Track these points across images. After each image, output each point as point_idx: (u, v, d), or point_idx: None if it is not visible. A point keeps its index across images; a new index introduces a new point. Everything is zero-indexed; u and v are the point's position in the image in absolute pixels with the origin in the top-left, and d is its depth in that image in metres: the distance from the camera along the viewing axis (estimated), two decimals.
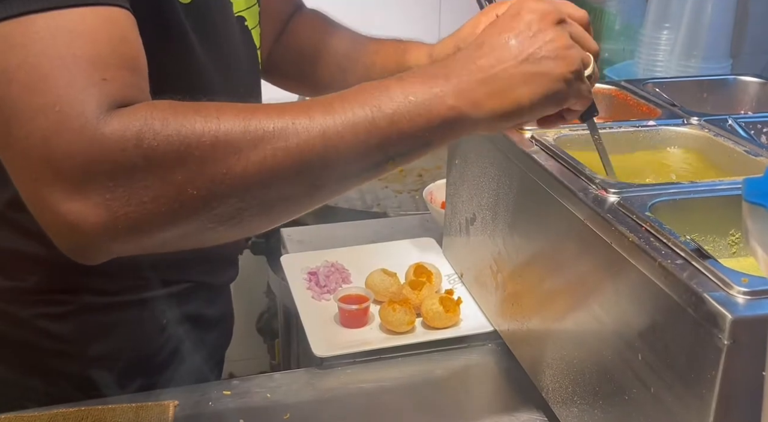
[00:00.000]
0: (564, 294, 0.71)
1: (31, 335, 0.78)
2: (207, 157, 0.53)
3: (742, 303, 0.50)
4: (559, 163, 0.72)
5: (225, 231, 0.58)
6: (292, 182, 0.56)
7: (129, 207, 0.53)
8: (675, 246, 0.56)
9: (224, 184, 0.54)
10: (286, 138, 0.55)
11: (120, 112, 0.53)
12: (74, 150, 0.52)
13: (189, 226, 0.56)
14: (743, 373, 0.48)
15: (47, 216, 0.54)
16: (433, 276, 0.97)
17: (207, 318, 0.89)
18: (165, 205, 0.54)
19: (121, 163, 0.52)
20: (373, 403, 0.81)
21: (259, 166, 0.54)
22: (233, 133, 0.54)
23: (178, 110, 0.54)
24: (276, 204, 0.58)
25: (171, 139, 0.52)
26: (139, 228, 0.54)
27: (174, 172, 0.53)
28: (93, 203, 0.53)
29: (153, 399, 0.78)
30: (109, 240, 0.55)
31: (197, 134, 0.53)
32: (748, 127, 0.82)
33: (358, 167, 0.59)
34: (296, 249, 1.13)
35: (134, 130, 0.52)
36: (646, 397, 0.57)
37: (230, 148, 0.54)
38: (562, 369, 0.71)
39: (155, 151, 0.52)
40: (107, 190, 0.52)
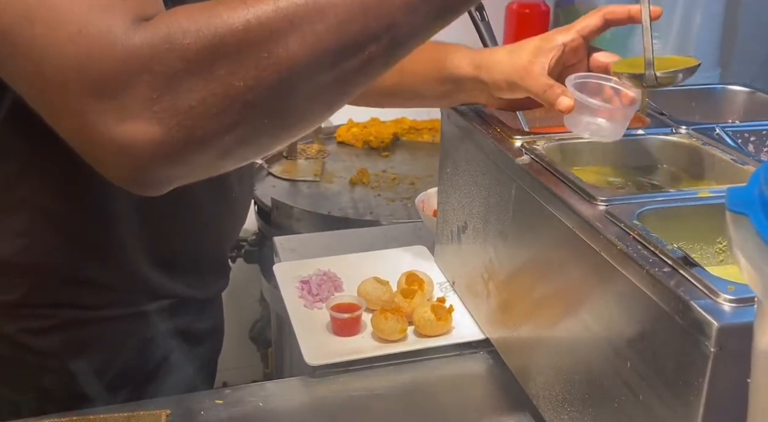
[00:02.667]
0: (554, 302, 0.71)
1: (13, 350, 0.77)
2: (243, 43, 0.50)
3: (728, 311, 0.50)
4: (549, 172, 0.73)
5: (282, 129, 0.55)
6: (339, 56, 0.52)
7: (179, 115, 0.50)
8: (662, 255, 0.57)
9: (268, 69, 0.51)
10: (321, 9, 0.51)
11: (144, 24, 0.51)
12: (109, 68, 0.50)
13: (244, 127, 0.53)
14: (730, 380, 0.49)
15: (101, 149, 0.52)
16: (425, 284, 0.97)
17: (196, 331, 0.88)
18: (214, 105, 0.51)
19: (157, 70, 0.50)
20: (365, 411, 0.81)
21: (301, 43, 0.51)
22: (265, 14, 0.51)
23: (202, 6, 0.52)
24: (327, 83, 0.53)
25: (201, 34, 0.50)
26: (194, 137, 0.52)
27: (213, 66, 0.50)
28: (142, 119, 0.50)
29: (145, 409, 0.78)
30: (167, 157, 0.52)
31: (227, 23, 0.50)
32: (735, 136, 0.83)
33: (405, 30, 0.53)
34: (289, 257, 1.13)
35: (162, 34, 0.50)
36: (635, 404, 0.58)
37: (265, 29, 0.51)
38: (553, 377, 0.71)
39: (188, 49, 0.50)
40: (152, 102, 0.50)
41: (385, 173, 1.65)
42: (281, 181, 1.63)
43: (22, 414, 0.77)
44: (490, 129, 0.85)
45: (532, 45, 0.81)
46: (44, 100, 0.54)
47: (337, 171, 1.67)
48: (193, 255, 0.86)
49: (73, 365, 0.78)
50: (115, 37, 0.50)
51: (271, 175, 1.65)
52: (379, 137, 1.77)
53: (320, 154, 1.74)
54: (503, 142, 0.81)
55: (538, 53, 0.79)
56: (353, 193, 1.56)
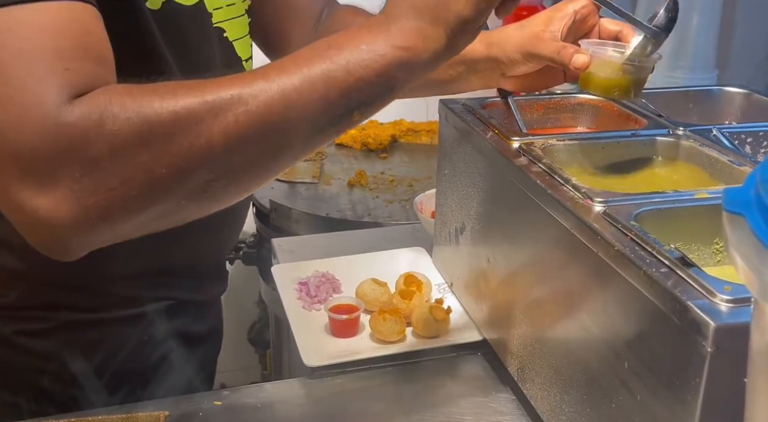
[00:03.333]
0: (552, 303, 0.71)
1: (10, 352, 0.77)
2: (169, 133, 0.52)
3: (725, 311, 0.51)
4: (547, 173, 0.73)
5: (198, 207, 0.57)
6: (258, 145, 0.55)
7: (98, 195, 0.52)
8: (660, 255, 0.57)
9: (190, 157, 0.53)
10: (245, 102, 0.54)
11: (79, 101, 0.52)
12: (35, 142, 0.51)
13: (162, 206, 0.55)
14: (726, 380, 0.49)
15: (18, 215, 0.53)
16: (423, 285, 0.97)
17: (194, 333, 0.88)
18: (135, 188, 0.53)
19: (84, 151, 0.51)
20: (363, 412, 0.81)
21: (223, 134, 0.53)
22: (191, 106, 0.53)
23: (134, 92, 0.53)
24: (245, 170, 0.57)
25: (131, 122, 0.52)
26: (111, 215, 0.53)
27: (139, 153, 0.52)
28: (61, 196, 0.52)
29: (142, 410, 0.78)
30: (82, 231, 0.54)
31: (156, 113, 0.52)
32: (732, 137, 0.83)
33: (323, 122, 0.57)
34: (287, 259, 1.13)
35: (94, 118, 0.51)
36: (633, 404, 0.58)
37: (191, 120, 0.53)
38: (550, 377, 0.71)
39: (117, 135, 0.51)
40: (74, 180, 0.52)
41: (383, 175, 1.65)
42: (279, 183, 1.63)
43: (22, 416, 0.77)
44: (488, 130, 0.85)
45: (544, 15, 0.81)
46: None
47: (336, 173, 1.67)
48: (191, 259, 0.86)
49: (71, 367, 0.78)
50: (47, 111, 0.51)
51: None
52: (378, 139, 1.77)
53: (318, 156, 1.74)
54: (501, 143, 0.81)
55: (549, 22, 0.80)
56: (351, 194, 1.56)
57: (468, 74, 0.89)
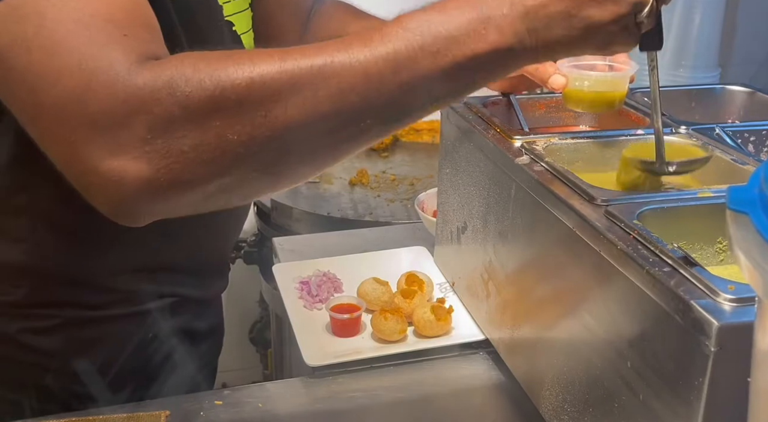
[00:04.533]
0: (554, 302, 0.71)
1: (14, 350, 0.77)
2: (243, 100, 0.51)
3: (729, 311, 0.50)
4: (549, 172, 0.73)
5: (267, 182, 0.56)
6: (335, 124, 0.53)
7: (170, 158, 0.51)
8: (662, 254, 0.57)
9: (264, 127, 0.51)
10: (325, 77, 0.52)
11: (150, 64, 0.51)
12: (107, 104, 0.50)
13: (231, 176, 0.54)
14: (730, 380, 0.49)
15: (88, 178, 0.53)
16: (424, 284, 0.97)
17: (196, 331, 0.88)
18: (206, 154, 0.51)
19: (156, 112, 0.50)
20: (364, 412, 0.81)
21: (300, 107, 0.51)
22: (269, 75, 0.51)
23: (209, 57, 0.52)
24: (319, 147, 0.55)
25: (204, 84, 0.51)
26: (181, 179, 0.52)
27: (210, 118, 0.51)
28: (132, 157, 0.51)
29: (144, 410, 0.78)
30: (152, 195, 0.53)
31: (231, 78, 0.51)
32: (735, 136, 0.83)
33: (403, 106, 0.54)
34: (288, 258, 1.13)
35: (166, 79, 0.51)
36: (636, 404, 0.58)
37: (267, 90, 0.51)
38: (553, 377, 0.71)
39: (189, 97, 0.50)
40: (146, 142, 0.51)
41: (384, 174, 1.65)
42: None
43: (24, 414, 0.77)
44: (490, 129, 0.85)
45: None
46: (36, 126, 0.54)
47: (337, 172, 1.67)
48: (196, 255, 0.86)
49: (74, 364, 0.78)
50: (117, 74, 0.50)
51: None
52: None
53: None
54: (503, 142, 0.81)
55: None
56: (353, 193, 1.56)
57: None
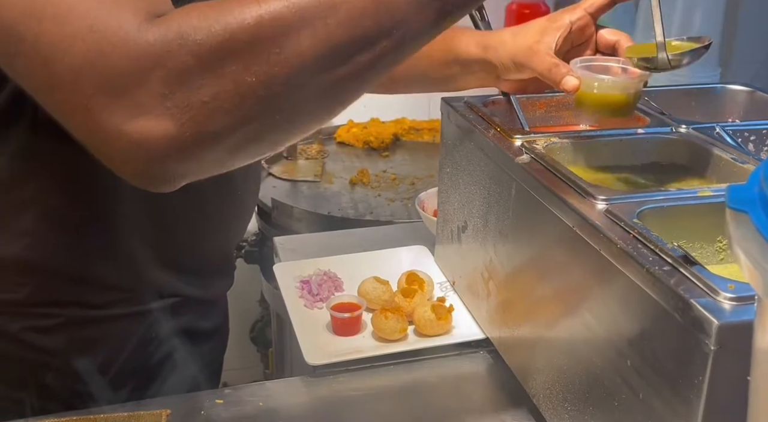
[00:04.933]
0: (554, 301, 0.71)
1: (17, 348, 0.77)
2: (255, 39, 0.50)
3: (729, 309, 0.50)
4: (549, 171, 0.73)
5: (293, 125, 0.55)
6: (350, 51, 0.52)
7: (192, 110, 0.50)
8: (662, 253, 0.57)
9: (280, 64, 0.51)
10: (333, 5, 0.51)
11: (158, 21, 0.51)
12: (121, 63, 0.50)
13: (255, 122, 0.53)
14: (730, 378, 0.49)
15: (111, 145, 0.52)
16: (425, 283, 0.97)
17: (200, 330, 0.88)
18: (227, 101, 0.51)
19: (170, 66, 0.50)
20: (365, 411, 0.81)
21: (312, 39, 0.51)
22: (276, 10, 0.50)
23: (215, 4, 0.52)
24: (339, 79, 0.53)
25: (213, 30, 0.50)
26: (206, 132, 0.52)
27: (225, 62, 0.50)
28: (155, 115, 0.50)
29: (145, 408, 0.78)
30: (179, 152, 0.52)
31: (238, 19, 0.50)
32: (735, 135, 0.83)
33: (415, 26, 0.53)
34: (289, 257, 1.13)
35: (174, 30, 0.50)
36: (635, 403, 0.58)
37: (277, 25, 0.50)
38: (553, 376, 0.71)
39: (200, 45, 0.50)
40: (165, 98, 0.50)
41: (385, 173, 1.65)
42: (281, 182, 1.63)
43: (25, 413, 0.78)
44: (491, 129, 0.85)
45: (539, 25, 0.81)
46: (53, 98, 0.53)
47: (338, 171, 1.67)
48: (198, 255, 0.86)
49: (77, 363, 0.78)
50: (127, 33, 0.50)
51: (272, 175, 1.65)
52: (380, 137, 1.77)
53: (320, 155, 1.74)
54: (503, 141, 0.81)
55: (544, 33, 0.80)
56: (353, 193, 1.56)
57: (464, 74, 0.89)
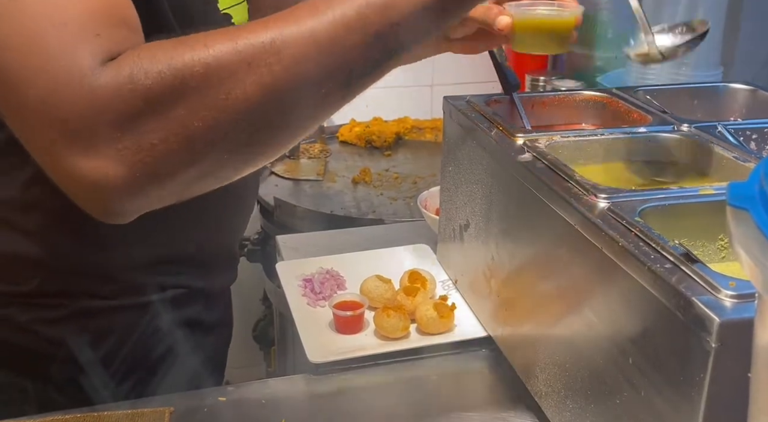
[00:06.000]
0: (556, 299, 0.71)
1: (25, 339, 0.78)
2: (203, 85, 0.52)
3: (730, 307, 0.51)
4: (551, 169, 0.73)
5: (242, 162, 0.57)
6: (295, 95, 0.54)
7: (141, 152, 0.52)
8: (664, 251, 0.57)
9: (226, 110, 0.52)
10: (277, 51, 0.52)
11: (110, 64, 0.52)
12: (73, 107, 0.51)
13: (205, 162, 0.55)
14: (731, 375, 0.49)
15: (69, 181, 0.54)
16: (427, 282, 0.98)
17: (205, 322, 0.89)
18: (175, 143, 0.53)
19: (120, 110, 0.51)
20: (367, 409, 0.81)
21: (258, 84, 0.52)
22: (224, 56, 0.52)
23: (164, 46, 0.53)
24: (285, 120, 0.56)
25: (163, 75, 0.51)
26: (157, 173, 0.54)
27: (174, 107, 0.52)
28: (106, 156, 0.52)
29: (148, 406, 0.78)
30: (132, 192, 0.54)
31: (188, 65, 0.52)
32: (737, 134, 0.83)
33: (360, 67, 0.55)
34: (291, 256, 1.14)
35: (125, 74, 0.51)
36: (637, 400, 0.58)
37: (224, 71, 0.52)
38: (555, 373, 0.71)
39: (150, 90, 0.51)
40: (116, 140, 0.52)
41: (387, 172, 1.65)
42: (284, 180, 1.63)
43: (29, 402, 0.79)
44: (493, 127, 0.85)
45: None
46: (21, 127, 0.55)
47: (340, 170, 1.67)
48: (202, 249, 0.87)
49: (83, 354, 0.79)
50: (82, 75, 0.51)
51: (274, 174, 1.65)
52: (382, 136, 1.77)
53: (323, 154, 1.74)
54: (505, 140, 0.81)
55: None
56: (356, 192, 1.57)
57: None
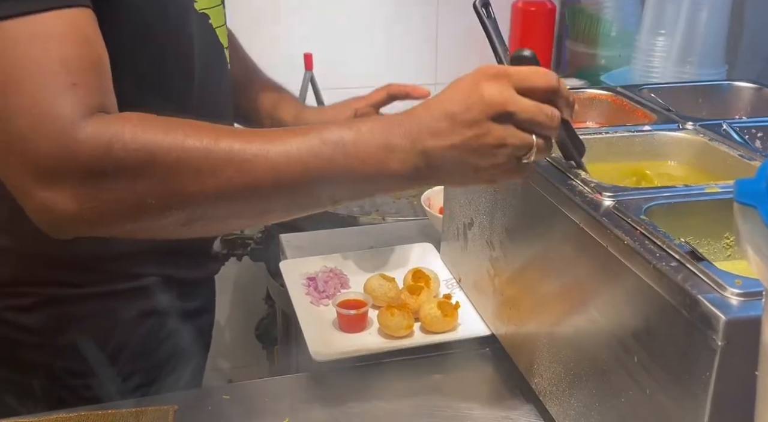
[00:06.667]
0: (560, 298, 0.71)
1: (1, 327, 0.80)
2: (168, 174, 0.59)
3: (736, 305, 0.50)
4: (555, 167, 0.73)
5: (181, 233, 0.64)
6: (242, 206, 0.62)
7: (94, 202, 0.59)
8: (669, 249, 0.57)
9: (180, 198, 0.60)
10: (242, 169, 0.60)
11: (94, 121, 0.58)
12: (49, 150, 0.57)
13: (147, 225, 0.62)
14: (737, 374, 0.49)
15: (26, 202, 0.61)
16: (431, 280, 0.97)
17: (184, 310, 0.90)
18: (126, 207, 0.60)
19: (89, 167, 0.58)
20: (371, 407, 0.81)
21: (214, 188, 0.60)
22: (196, 156, 0.59)
23: (148, 125, 0.59)
24: (226, 219, 0.64)
25: (138, 153, 0.58)
26: (102, 220, 0.61)
27: (137, 182, 0.59)
28: (63, 194, 0.59)
29: (152, 404, 0.78)
30: (77, 225, 0.61)
31: (163, 152, 0.58)
32: (742, 132, 0.82)
33: (305, 200, 0.64)
34: (295, 254, 1.14)
35: (105, 140, 0.57)
36: (642, 399, 0.58)
37: (190, 169, 0.59)
38: (559, 372, 0.71)
39: (123, 161, 0.58)
40: (76, 185, 0.58)
41: None
42: None
43: (33, 395, 0.80)
44: None
45: (334, 109, 1.05)
46: None
47: None
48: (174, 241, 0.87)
49: (61, 341, 0.81)
50: (63, 126, 0.57)
51: None
52: None
53: None
54: None
55: (337, 114, 1.03)
56: None
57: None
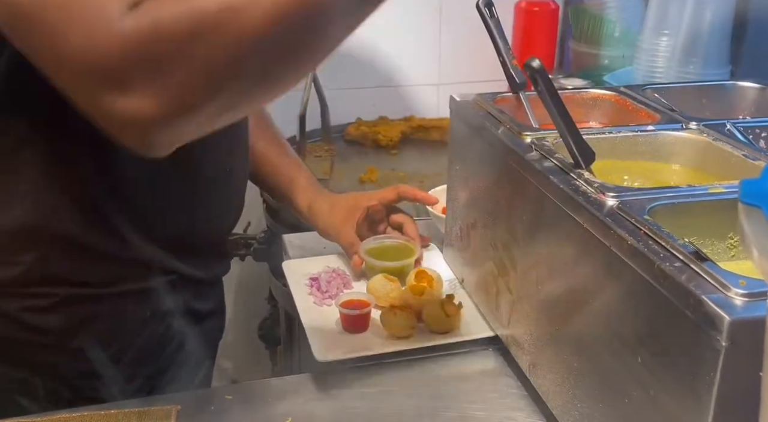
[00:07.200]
0: (564, 298, 0.71)
1: (16, 329, 0.79)
2: (216, 25, 0.56)
3: (740, 305, 0.50)
4: (559, 168, 0.73)
5: (264, 91, 0.62)
6: (302, 22, 0.58)
7: (171, 89, 0.57)
8: (673, 249, 0.57)
9: (240, 44, 0.57)
10: None
11: (134, 11, 0.57)
12: (106, 52, 0.56)
13: (230, 93, 0.60)
14: (741, 375, 0.49)
15: (109, 119, 0.59)
16: (434, 281, 0.97)
17: (196, 311, 0.90)
18: (200, 77, 0.57)
19: (145, 52, 0.56)
20: (374, 408, 0.81)
21: (264, 17, 0.56)
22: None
23: None
24: (296, 50, 0.60)
25: (181, 18, 0.56)
26: (185, 107, 0.58)
27: (193, 46, 0.56)
28: (140, 95, 0.57)
29: (155, 404, 0.78)
30: (164, 125, 0.59)
31: (203, 8, 0.56)
32: (746, 132, 0.82)
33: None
34: (298, 254, 1.14)
35: (147, 22, 0.56)
36: (646, 400, 0.58)
37: (233, 11, 0.56)
38: (563, 373, 0.71)
39: (172, 35, 0.56)
40: (146, 80, 0.57)
41: (393, 171, 1.65)
42: None
43: (28, 394, 0.79)
44: (500, 126, 0.84)
45: (348, 205, 1.07)
46: (60, 76, 0.59)
47: (346, 169, 1.67)
48: (191, 231, 0.88)
49: (76, 343, 0.80)
50: (111, 23, 0.56)
51: None
52: (388, 136, 1.76)
53: (329, 153, 1.74)
54: (513, 138, 0.81)
55: (348, 215, 1.05)
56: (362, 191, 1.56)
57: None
